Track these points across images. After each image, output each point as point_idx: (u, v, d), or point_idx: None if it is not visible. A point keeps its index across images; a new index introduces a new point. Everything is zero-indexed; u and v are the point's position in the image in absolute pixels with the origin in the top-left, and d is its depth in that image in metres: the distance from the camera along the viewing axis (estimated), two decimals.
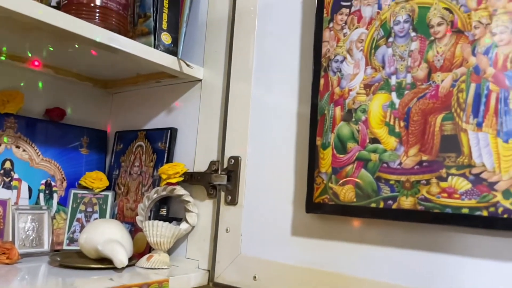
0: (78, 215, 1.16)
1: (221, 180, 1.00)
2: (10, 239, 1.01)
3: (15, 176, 1.08)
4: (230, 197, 0.98)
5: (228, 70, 1.03)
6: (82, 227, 1.15)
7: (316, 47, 0.84)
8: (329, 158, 0.79)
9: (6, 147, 1.07)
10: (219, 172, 1.01)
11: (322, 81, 0.82)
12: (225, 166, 1.00)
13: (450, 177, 0.66)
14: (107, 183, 1.20)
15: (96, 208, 1.18)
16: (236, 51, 1.03)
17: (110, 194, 1.19)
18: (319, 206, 0.79)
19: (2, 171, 1.06)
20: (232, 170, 0.98)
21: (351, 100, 0.78)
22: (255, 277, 0.90)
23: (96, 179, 1.18)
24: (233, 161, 0.98)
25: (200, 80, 1.11)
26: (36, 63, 1.10)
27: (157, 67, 1.03)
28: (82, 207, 1.17)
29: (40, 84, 1.17)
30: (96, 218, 1.17)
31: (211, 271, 0.98)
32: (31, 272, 0.90)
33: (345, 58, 0.80)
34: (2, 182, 1.05)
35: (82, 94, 1.27)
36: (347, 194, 0.76)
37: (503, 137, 0.62)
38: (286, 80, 0.93)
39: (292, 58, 0.93)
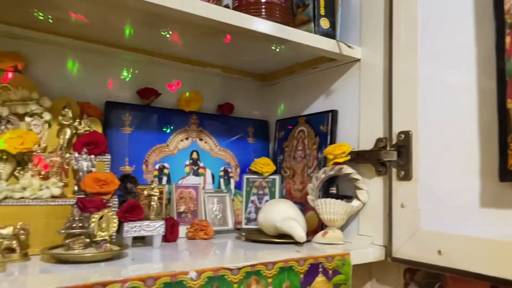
0: (252, 198, 1.28)
1: (391, 156, 0.99)
2: (204, 218, 1.16)
3: (201, 164, 1.25)
4: (403, 173, 0.97)
5: (390, 46, 1.02)
6: (256, 208, 1.26)
7: (497, 3, 0.78)
8: None
9: (193, 140, 1.24)
10: (388, 149, 1.01)
11: (508, 39, 0.76)
12: (394, 142, 1.00)
13: None
14: (274, 168, 1.29)
15: (266, 190, 1.28)
16: (396, 26, 1.01)
17: (277, 177, 1.28)
18: None
19: (191, 161, 1.23)
20: (403, 145, 0.97)
21: None
22: (439, 251, 0.88)
23: (264, 165, 1.28)
24: (403, 136, 0.97)
25: (358, 60, 1.12)
26: None
27: (318, 52, 1.07)
28: (254, 190, 1.28)
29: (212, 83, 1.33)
30: (267, 200, 1.27)
31: (387, 246, 0.99)
32: (225, 245, 1.03)
33: None
34: (192, 170, 1.23)
35: (245, 89, 1.40)
36: None
37: None
38: (459, 49, 0.88)
39: (465, 23, 0.87)
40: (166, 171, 1.19)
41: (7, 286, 0.60)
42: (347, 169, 1.07)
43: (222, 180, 1.28)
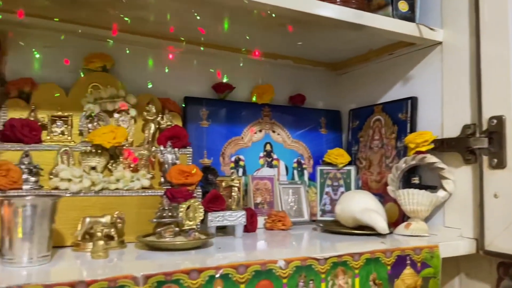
0: (326, 189, 1.26)
1: (481, 143, 0.93)
2: (280, 209, 1.17)
3: (275, 156, 1.25)
4: (495, 161, 0.90)
5: (476, 27, 0.95)
6: (331, 199, 1.24)
7: None
8: None
9: (266, 132, 1.25)
10: (477, 135, 0.95)
11: None
12: (484, 128, 0.93)
13: None
14: (349, 159, 1.26)
15: (341, 182, 1.26)
16: (483, 4, 0.94)
17: (352, 168, 1.25)
18: None
19: (265, 153, 1.24)
20: (495, 131, 0.91)
21: None
22: None
23: (338, 155, 1.26)
24: (495, 121, 0.91)
25: (440, 43, 1.06)
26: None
27: (396, 37, 1.03)
28: (328, 181, 1.26)
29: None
30: (343, 192, 1.24)
31: (479, 239, 0.93)
32: (303, 236, 1.03)
33: None
34: (266, 162, 1.24)
35: (316, 79, 1.38)
36: None
37: None
38: None
39: None
40: (241, 163, 1.21)
41: (109, 272, 0.64)
42: (431, 158, 1.02)
43: (295, 172, 1.28)
